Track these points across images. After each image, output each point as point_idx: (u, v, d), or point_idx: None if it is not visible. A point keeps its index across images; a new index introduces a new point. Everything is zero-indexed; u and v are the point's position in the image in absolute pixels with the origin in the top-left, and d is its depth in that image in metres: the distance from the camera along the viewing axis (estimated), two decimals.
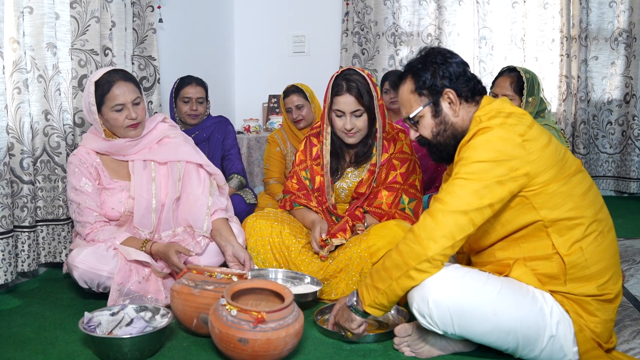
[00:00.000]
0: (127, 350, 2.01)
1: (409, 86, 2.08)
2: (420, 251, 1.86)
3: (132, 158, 2.74)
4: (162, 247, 2.56)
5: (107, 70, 2.67)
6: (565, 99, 5.26)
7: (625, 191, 5.16)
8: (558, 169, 1.89)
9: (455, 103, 2.02)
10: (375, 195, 2.82)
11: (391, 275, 1.91)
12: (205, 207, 2.68)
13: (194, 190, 2.72)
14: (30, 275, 3.06)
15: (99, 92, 2.61)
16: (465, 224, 1.85)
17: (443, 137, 2.06)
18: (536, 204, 1.88)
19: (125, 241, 2.59)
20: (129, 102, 2.62)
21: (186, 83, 3.77)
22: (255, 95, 5.79)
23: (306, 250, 2.76)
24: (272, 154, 4.10)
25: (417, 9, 5.56)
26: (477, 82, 2.06)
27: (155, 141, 2.77)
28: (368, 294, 1.99)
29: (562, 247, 1.89)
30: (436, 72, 2.02)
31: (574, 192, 1.90)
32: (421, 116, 2.07)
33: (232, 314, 1.97)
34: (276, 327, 1.96)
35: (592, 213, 1.91)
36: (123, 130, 2.66)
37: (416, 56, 2.11)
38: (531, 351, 1.91)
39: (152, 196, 2.70)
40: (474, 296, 1.86)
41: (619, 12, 5.15)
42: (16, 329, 2.38)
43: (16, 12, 2.77)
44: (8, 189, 2.70)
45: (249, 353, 1.95)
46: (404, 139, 2.86)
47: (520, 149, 1.86)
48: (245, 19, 5.85)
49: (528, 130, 1.90)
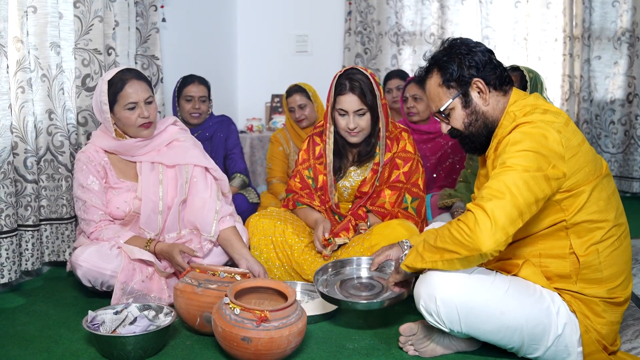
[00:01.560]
0: (130, 348, 2.01)
1: (436, 80, 2.05)
2: (473, 246, 1.76)
3: (140, 159, 2.74)
4: (166, 247, 2.56)
5: (120, 69, 2.67)
6: (568, 98, 5.26)
7: (628, 191, 5.15)
8: (589, 169, 1.87)
9: (484, 92, 2.00)
10: (378, 195, 2.82)
11: (441, 255, 1.85)
12: (213, 212, 2.68)
13: (201, 194, 2.72)
14: (34, 274, 3.06)
15: (111, 91, 2.61)
16: (517, 219, 1.78)
17: (475, 127, 2.03)
18: (564, 206, 1.87)
19: (129, 240, 2.59)
20: (142, 101, 2.62)
21: (189, 82, 3.77)
22: (258, 95, 5.79)
23: (309, 250, 2.77)
24: (275, 154, 4.11)
25: (420, 8, 5.56)
26: (503, 69, 2.04)
27: (165, 144, 2.77)
28: (412, 256, 1.96)
29: (580, 249, 1.88)
30: (462, 63, 1.99)
31: (601, 195, 1.88)
32: (452, 108, 2.04)
33: (235, 312, 1.97)
34: (279, 325, 1.96)
35: (614, 217, 1.90)
36: (135, 129, 2.65)
37: (439, 49, 2.08)
38: (536, 350, 1.91)
39: (159, 198, 2.69)
40: (482, 294, 1.86)
41: (622, 11, 5.14)
42: (20, 327, 2.39)
43: (20, 11, 2.77)
44: (12, 188, 2.70)
45: (252, 352, 1.95)
46: (406, 138, 2.86)
47: (559, 147, 1.82)
48: (248, 19, 5.85)
49: (565, 127, 1.88)
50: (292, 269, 2.76)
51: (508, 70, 2.09)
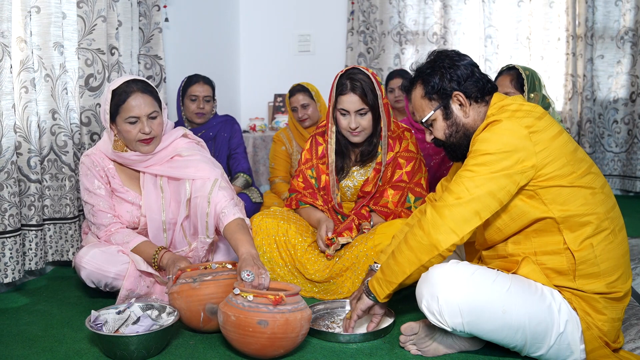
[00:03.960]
0: (133, 348, 2.02)
1: (419, 91, 2.14)
2: (430, 247, 1.95)
3: (143, 170, 2.66)
4: (169, 261, 2.46)
5: (127, 79, 2.56)
6: (571, 97, 5.25)
7: (631, 190, 5.15)
8: (567, 161, 1.90)
9: (465, 105, 2.07)
10: (381, 194, 2.83)
11: (404, 271, 2.01)
12: (204, 213, 2.50)
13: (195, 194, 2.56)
14: (38, 274, 3.07)
15: (114, 101, 2.52)
16: (471, 217, 1.93)
17: (456, 137, 2.11)
18: (546, 200, 1.90)
19: (138, 246, 2.55)
20: (144, 116, 2.52)
21: (194, 81, 3.78)
22: (260, 94, 5.80)
23: (312, 249, 2.77)
24: (278, 153, 4.11)
25: (423, 7, 5.56)
26: (486, 81, 2.09)
27: (166, 159, 2.65)
28: (381, 288, 2.09)
29: (573, 243, 1.90)
30: (444, 76, 2.06)
31: (584, 189, 1.91)
32: (433, 119, 2.12)
33: (248, 299, 2.00)
34: (292, 309, 2.02)
35: (604, 211, 1.92)
36: (135, 144, 2.56)
37: (425, 61, 2.16)
38: (539, 349, 1.91)
39: (162, 214, 2.64)
40: (483, 294, 1.88)
41: (624, 10, 5.14)
42: (24, 326, 2.39)
43: (23, 11, 2.78)
44: (15, 188, 2.71)
45: (267, 336, 1.97)
46: (409, 138, 2.86)
47: (526, 141, 1.89)
48: (250, 18, 5.85)
49: (536, 122, 1.93)
50: (295, 268, 2.76)
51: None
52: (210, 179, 2.54)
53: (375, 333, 2.22)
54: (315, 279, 2.70)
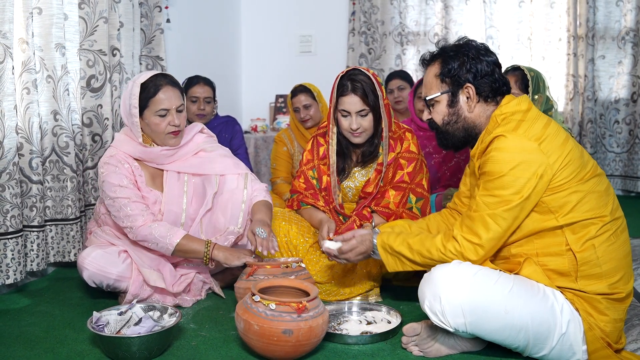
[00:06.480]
0: (135, 349, 2.02)
1: (435, 69, 2.13)
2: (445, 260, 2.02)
3: (166, 167, 2.67)
4: (227, 254, 2.48)
5: (155, 73, 2.60)
6: (572, 98, 5.25)
7: (633, 190, 5.15)
8: (576, 166, 1.90)
9: (472, 99, 2.06)
10: (383, 195, 2.82)
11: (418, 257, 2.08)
12: (240, 202, 2.67)
13: (228, 186, 2.70)
14: (39, 275, 3.07)
15: (144, 95, 2.53)
16: (501, 239, 1.98)
17: (452, 127, 2.11)
18: (552, 207, 1.90)
19: (183, 239, 2.49)
20: (174, 109, 2.56)
21: (194, 83, 3.78)
22: (262, 95, 5.80)
23: (314, 250, 2.77)
24: (279, 154, 4.11)
25: (424, 8, 5.56)
26: (502, 84, 2.07)
27: (192, 153, 2.71)
28: (395, 263, 2.15)
29: (575, 244, 1.90)
30: (464, 64, 2.05)
31: (591, 194, 1.91)
32: (437, 101, 2.12)
33: (271, 307, 1.98)
34: (314, 315, 2.01)
35: (608, 213, 1.92)
36: (163, 137, 2.59)
37: (454, 42, 2.15)
38: (541, 349, 1.91)
39: (182, 210, 2.65)
40: (486, 294, 1.87)
41: (625, 11, 5.14)
42: (26, 327, 2.40)
43: (25, 13, 2.78)
44: (17, 189, 2.71)
45: (292, 344, 1.97)
46: (410, 139, 2.85)
47: (539, 154, 1.88)
48: (252, 19, 5.86)
49: (544, 130, 1.92)
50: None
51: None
52: (240, 174, 2.75)
53: (383, 335, 2.22)
54: (317, 280, 2.70)
